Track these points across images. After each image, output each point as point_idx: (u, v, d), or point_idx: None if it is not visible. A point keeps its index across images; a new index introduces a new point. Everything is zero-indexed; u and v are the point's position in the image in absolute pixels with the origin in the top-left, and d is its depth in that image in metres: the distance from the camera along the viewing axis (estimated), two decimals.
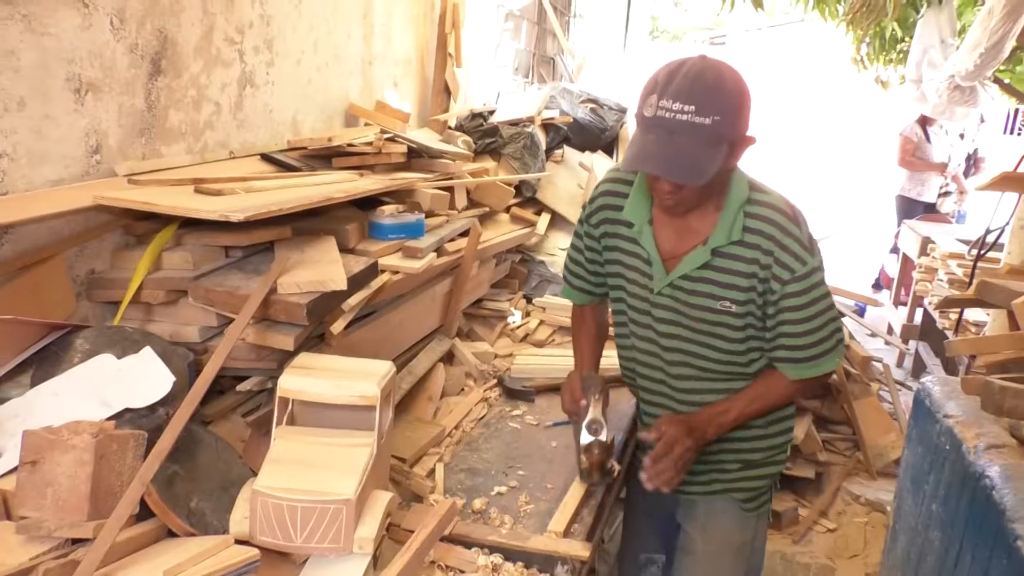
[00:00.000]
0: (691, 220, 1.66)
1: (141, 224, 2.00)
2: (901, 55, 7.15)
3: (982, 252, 3.07)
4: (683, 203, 1.61)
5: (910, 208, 7.05)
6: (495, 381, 2.77)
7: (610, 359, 2.07)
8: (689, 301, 1.70)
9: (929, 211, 6.96)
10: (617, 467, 1.94)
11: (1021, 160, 2.68)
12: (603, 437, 1.81)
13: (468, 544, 1.76)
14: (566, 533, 1.83)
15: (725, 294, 1.66)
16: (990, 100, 5.79)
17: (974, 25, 4.72)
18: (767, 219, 1.62)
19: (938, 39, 5.66)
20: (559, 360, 2.95)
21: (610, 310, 1.96)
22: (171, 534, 1.50)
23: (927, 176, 7.07)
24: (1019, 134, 11.53)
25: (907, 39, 6.72)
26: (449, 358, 2.79)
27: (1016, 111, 10.53)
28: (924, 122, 6.91)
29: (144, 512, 1.45)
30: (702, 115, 1.46)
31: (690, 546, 1.95)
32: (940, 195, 7.11)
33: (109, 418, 1.52)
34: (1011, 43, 4.45)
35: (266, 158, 2.48)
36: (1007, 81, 6.74)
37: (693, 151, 1.48)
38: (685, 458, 1.67)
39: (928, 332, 5.28)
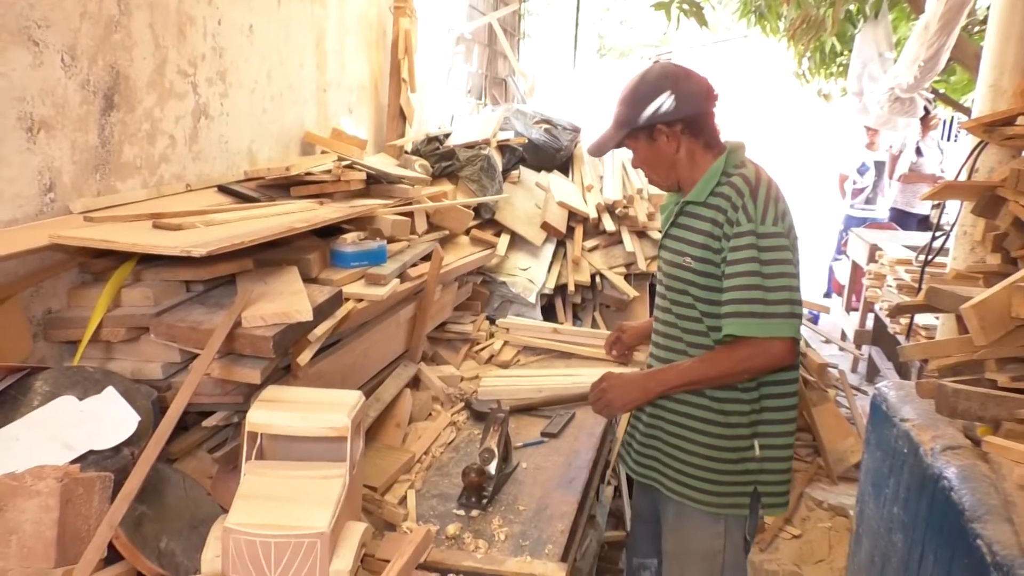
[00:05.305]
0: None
1: (98, 261, 1.97)
2: (841, 68, 7.37)
3: (930, 258, 3.17)
4: (653, 181, 1.98)
5: (903, 220, 7.22)
6: (462, 404, 2.78)
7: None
8: (665, 258, 1.94)
9: (923, 223, 7.09)
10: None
11: (961, 168, 2.78)
12: (491, 468, 2.11)
13: (444, 571, 1.76)
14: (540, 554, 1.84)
15: (686, 250, 1.86)
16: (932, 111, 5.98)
17: (911, 39, 4.90)
18: (732, 184, 1.82)
19: (876, 53, 5.86)
20: (525, 380, 2.96)
21: None
22: None
23: (919, 188, 7.20)
24: (956, 140, 11.93)
25: (846, 53, 6.93)
26: (415, 383, 2.78)
27: (952, 119, 10.89)
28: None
29: (113, 556, 1.42)
30: (619, 106, 1.88)
31: (664, 547, 2.06)
32: (935, 206, 7.20)
33: (73, 461, 1.48)
34: (947, 55, 4.63)
35: (223, 190, 2.46)
36: (943, 91, 7.00)
37: (605, 134, 1.92)
38: (600, 395, 1.96)
39: (880, 337, 5.42)
